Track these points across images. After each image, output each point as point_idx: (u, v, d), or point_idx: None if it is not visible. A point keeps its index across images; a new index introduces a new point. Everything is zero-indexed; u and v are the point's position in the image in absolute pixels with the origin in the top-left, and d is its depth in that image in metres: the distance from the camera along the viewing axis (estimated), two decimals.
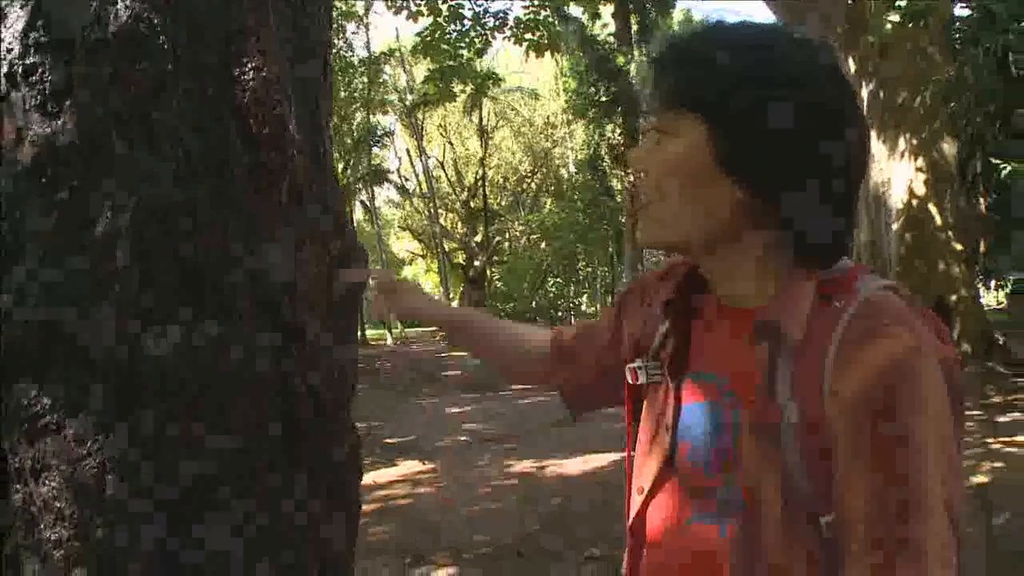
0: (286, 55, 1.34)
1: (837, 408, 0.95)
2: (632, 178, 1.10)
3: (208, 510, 1.22)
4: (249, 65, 1.27)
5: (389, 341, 27.60)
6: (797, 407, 0.97)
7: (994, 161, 11.70)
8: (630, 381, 1.19)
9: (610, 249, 24.84)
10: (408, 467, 7.50)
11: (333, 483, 1.38)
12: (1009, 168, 10.97)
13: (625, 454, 1.25)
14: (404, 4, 10.71)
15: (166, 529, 1.19)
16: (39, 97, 1.16)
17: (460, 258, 31.19)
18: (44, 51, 1.16)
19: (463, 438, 9.34)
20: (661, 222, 1.08)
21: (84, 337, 1.15)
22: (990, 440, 7.11)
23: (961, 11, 11.45)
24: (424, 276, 38.61)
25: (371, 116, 24.46)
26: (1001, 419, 8.00)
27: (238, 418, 1.23)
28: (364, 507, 1.58)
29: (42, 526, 1.19)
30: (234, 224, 1.25)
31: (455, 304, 28.29)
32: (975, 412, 8.34)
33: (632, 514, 1.18)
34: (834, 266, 1.05)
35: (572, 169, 28.53)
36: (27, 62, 1.16)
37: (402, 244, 39.20)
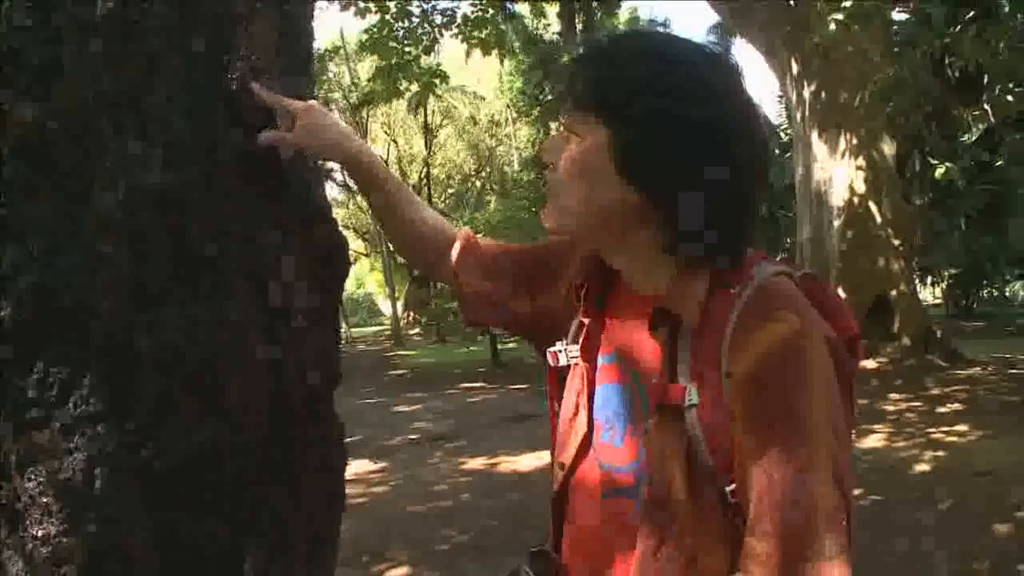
0: (273, 42, 1.33)
1: (732, 387, 1.02)
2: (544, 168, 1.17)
3: (201, 493, 1.21)
4: (238, 51, 1.26)
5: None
6: (697, 388, 1.05)
7: (930, 160, 12.01)
8: (551, 364, 1.27)
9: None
10: (360, 466, 7.44)
11: (321, 464, 1.38)
12: (944, 167, 11.27)
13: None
14: (352, 0, 10.62)
15: (158, 519, 1.18)
16: (26, 79, 1.13)
17: None
18: (31, 32, 1.13)
19: (413, 437, 9.31)
20: (562, 214, 1.16)
21: (78, 322, 1.13)
22: (932, 430, 7.31)
23: (899, 15, 11.73)
24: (369, 275, 38.36)
25: None
26: (941, 410, 8.23)
27: (232, 398, 1.23)
28: None
29: (28, 523, 1.15)
30: (223, 208, 1.24)
31: (400, 304, 28.17)
32: (917, 403, 8.56)
33: (554, 490, 1.26)
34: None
35: (516, 167, 28.55)
36: (13, 43, 1.13)
37: None
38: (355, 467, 7.35)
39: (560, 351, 1.25)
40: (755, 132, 1.10)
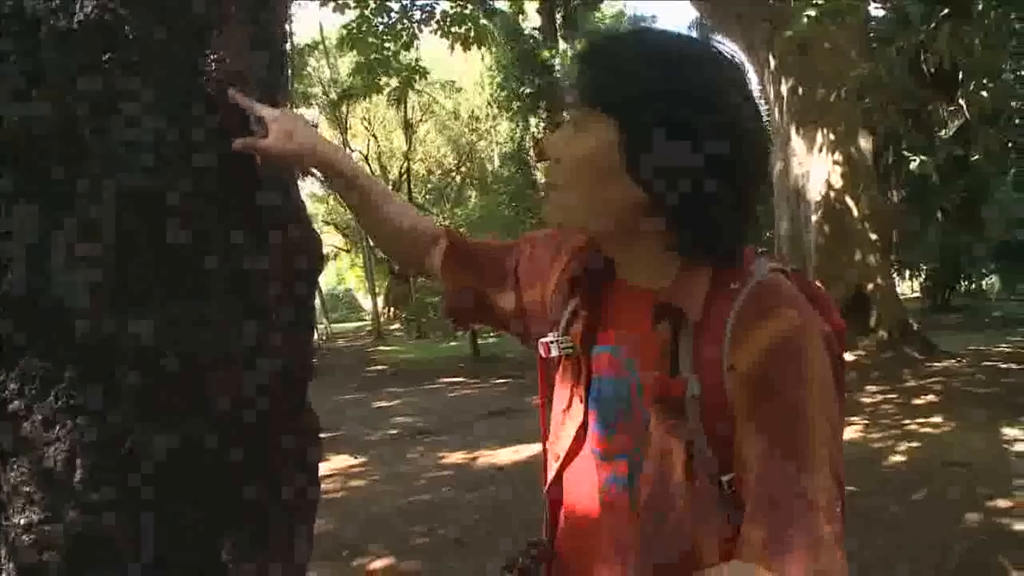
0: (247, 47, 1.36)
1: (734, 381, 1.05)
2: (542, 162, 1.16)
3: (180, 483, 1.24)
4: (214, 57, 1.29)
5: (315, 337, 27.20)
6: (699, 381, 1.07)
7: (905, 155, 12.12)
8: (543, 355, 1.26)
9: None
10: (340, 461, 7.44)
11: (296, 456, 1.41)
12: (918, 161, 11.37)
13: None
14: None
15: (138, 509, 1.20)
16: (10, 84, 1.15)
17: None
18: (13, 38, 1.16)
19: (393, 432, 9.31)
20: (566, 209, 1.16)
21: (61, 319, 1.16)
22: (907, 422, 7.39)
23: (876, 11, 11.82)
24: (349, 271, 38.26)
25: (295, 109, 23.96)
26: (916, 401, 8.32)
27: (211, 393, 1.26)
28: None
29: (11, 511, 1.19)
30: (202, 210, 1.27)
31: (381, 300, 28.10)
32: (893, 396, 8.65)
33: (549, 480, 1.27)
34: None
35: (496, 163, 28.49)
36: None
37: (327, 239, 38.64)
38: (336, 462, 7.36)
39: (552, 342, 1.25)
40: (758, 133, 1.13)
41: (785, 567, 0.98)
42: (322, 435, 1.50)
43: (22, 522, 1.17)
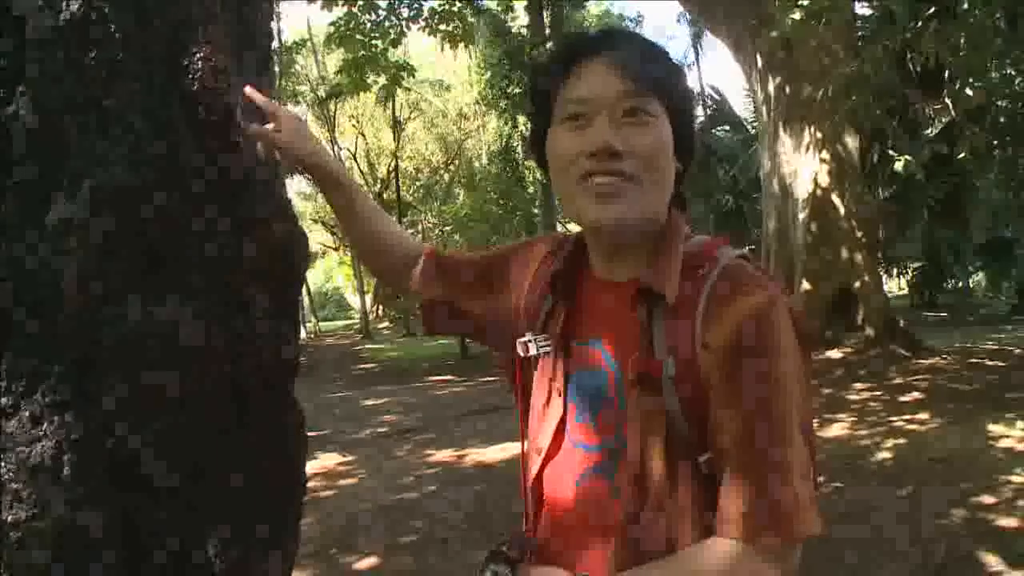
0: (232, 45, 1.36)
1: (710, 357, 1.10)
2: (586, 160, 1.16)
3: (164, 481, 1.24)
4: (197, 54, 1.30)
5: (303, 335, 27.11)
6: (675, 361, 1.11)
7: (891, 153, 12.17)
8: (521, 354, 1.30)
9: (523, 239, 24.73)
10: (327, 460, 7.43)
11: (281, 451, 1.42)
12: (903, 160, 11.42)
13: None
14: None
15: (123, 503, 1.20)
16: None
17: None
18: None
19: (381, 430, 9.29)
20: (648, 200, 1.17)
21: (45, 316, 1.16)
22: (893, 419, 7.43)
23: (863, 10, 11.86)
24: (337, 269, 38.17)
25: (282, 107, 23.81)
26: (902, 398, 8.35)
27: (193, 387, 1.27)
28: None
29: None
30: (184, 206, 1.28)
31: (369, 298, 28.05)
32: (879, 393, 8.69)
33: (532, 475, 1.29)
34: (692, 240, 1.22)
35: (485, 160, 28.46)
36: None
37: (314, 237, 38.58)
38: (323, 460, 7.34)
39: (530, 341, 1.28)
40: None
41: (763, 533, 1.05)
42: (309, 433, 1.51)
43: (9, 519, 1.17)
